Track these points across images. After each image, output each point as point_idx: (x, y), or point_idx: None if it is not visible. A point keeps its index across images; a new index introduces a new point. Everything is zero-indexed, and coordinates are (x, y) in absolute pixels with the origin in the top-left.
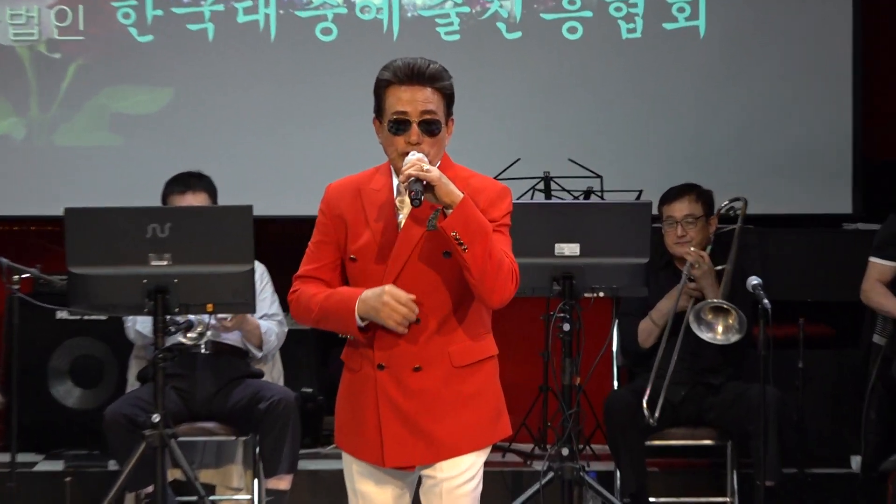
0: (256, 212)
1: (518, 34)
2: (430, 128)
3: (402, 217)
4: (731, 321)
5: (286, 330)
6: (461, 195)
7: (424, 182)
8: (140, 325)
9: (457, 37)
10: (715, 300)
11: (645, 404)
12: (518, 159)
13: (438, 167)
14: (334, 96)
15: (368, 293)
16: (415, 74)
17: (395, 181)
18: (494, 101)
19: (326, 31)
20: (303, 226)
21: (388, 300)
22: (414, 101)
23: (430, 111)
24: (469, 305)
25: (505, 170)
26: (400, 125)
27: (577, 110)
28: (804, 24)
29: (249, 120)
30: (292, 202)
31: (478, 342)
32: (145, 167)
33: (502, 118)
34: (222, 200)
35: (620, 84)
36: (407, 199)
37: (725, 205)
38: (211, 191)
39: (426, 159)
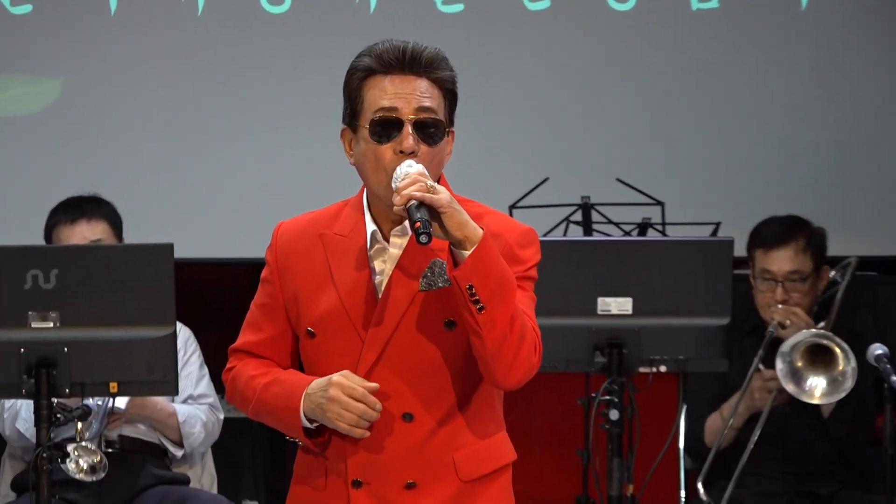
0: (178, 252)
1: (545, 3)
2: (430, 131)
3: (381, 273)
4: (837, 365)
5: (221, 417)
6: (480, 230)
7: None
8: (23, 418)
9: (459, 6)
10: (808, 333)
11: None
12: (546, 179)
13: None
14: (286, 91)
15: (314, 385)
16: (406, 60)
17: (370, 223)
18: (511, 97)
19: (275, 0)
20: (240, 271)
21: (335, 394)
22: (406, 93)
23: (428, 108)
24: (478, 393)
25: (527, 194)
26: (386, 127)
27: (626, 111)
28: None
29: (167, 123)
30: (226, 239)
31: (490, 445)
32: (23, 189)
33: (522, 122)
34: (130, 237)
35: (688, 74)
36: (386, 252)
37: (835, 271)
38: (113, 220)
39: (428, 174)
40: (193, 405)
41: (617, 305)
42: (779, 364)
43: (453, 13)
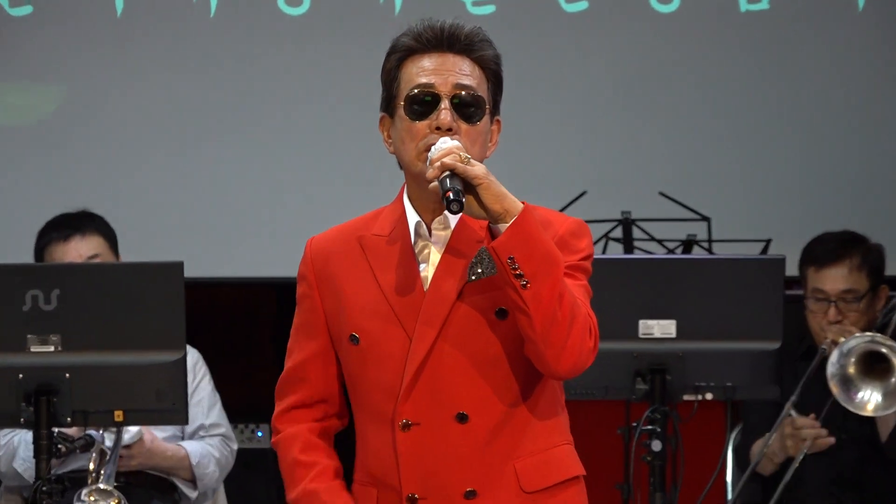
0: (188, 272)
1: (583, 4)
2: (469, 110)
3: (428, 268)
4: (893, 375)
5: (234, 448)
6: (520, 203)
7: (463, 178)
8: (21, 458)
9: (491, 7)
10: (866, 336)
11: None
12: (583, 193)
13: None
14: (306, 99)
15: None
16: (445, 37)
17: (413, 215)
18: (545, 104)
19: (293, 1)
20: (255, 292)
21: None
22: (444, 69)
23: (467, 85)
24: (538, 398)
25: (563, 209)
26: (422, 104)
27: (669, 119)
28: None
29: (176, 132)
30: (241, 257)
31: (555, 455)
32: (21, 203)
33: (558, 131)
34: (137, 254)
35: (736, 80)
36: (430, 246)
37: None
38: (107, 234)
39: (464, 149)
40: (205, 439)
41: (660, 328)
42: (830, 366)
43: (484, 15)
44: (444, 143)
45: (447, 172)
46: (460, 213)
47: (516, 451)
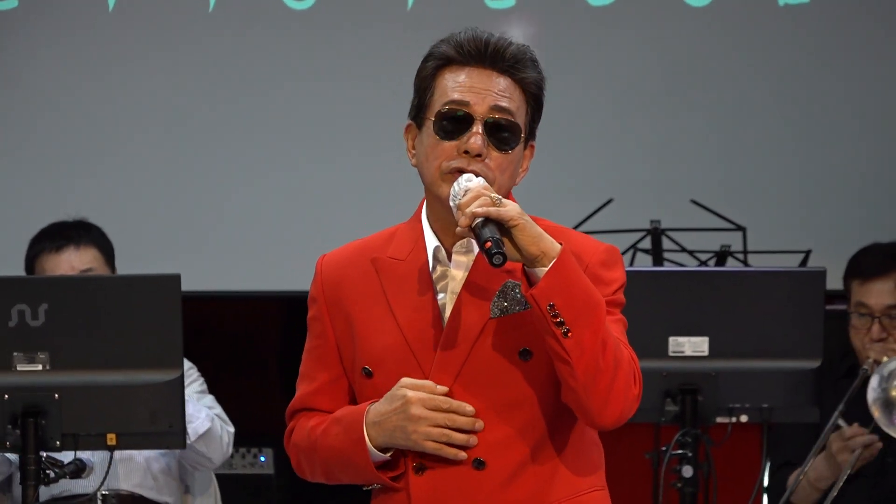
0: (185, 285)
1: None
2: (503, 135)
3: (447, 297)
4: None
5: (231, 431)
6: (557, 244)
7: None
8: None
9: (511, 2)
10: None
11: None
12: (610, 200)
13: None
14: (311, 100)
15: (380, 409)
16: (489, 53)
17: (432, 238)
18: (569, 105)
19: None
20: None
21: (418, 413)
22: (482, 88)
23: (504, 108)
24: (568, 437)
25: (588, 218)
26: (453, 122)
27: (702, 123)
28: None
29: (171, 137)
30: (241, 270)
31: (584, 502)
32: (4, 213)
33: (583, 135)
34: (130, 267)
35: (774, 80)
36: (449, 272)
37: None
38: (103, 246)
39: (490, 188)
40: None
41: (691, 346)
42: (871, 391)
43: (503, 9)
44: (470, 183)
45: (479, 220)
46: (503, 265)
47: (540, 498)
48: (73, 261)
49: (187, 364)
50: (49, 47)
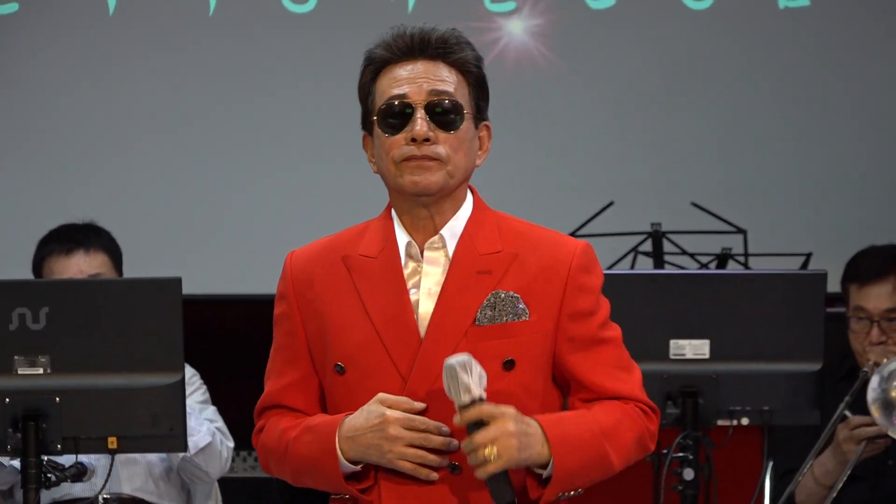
0: (186, 288)
1: (610, 1)
2: (447, 117)
3: (419, 293)
4: None
5: (231, 445)
6: (546, 452)
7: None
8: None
9: (511, 4)
10: None
11: None
12: (610, 203)
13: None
14: (311, 104)
15: (354, 424)
16: (416, 43)
17: (403, 235)
18: (569, 108)
19: None
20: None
21: (396, 433)
22: (417, 77)
23: (442, 91)
24: None
25: (588, 221)
26: (396, 116)
27: (702, 125)
28: None
29: (172, 140)
30: (242, 273)
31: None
32: (6, 216)
33: (583, 137)
34: (131, 271)
35: (774, 82)
36: (422, 268)
37: None
38: (113, 251)
39: (484, 376)
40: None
41: (692, 349)
42: (871, 391)
43: (504, 13)
44: (457, 359)
45: (490, 476)
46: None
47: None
48: (82, 265)
49: (190, 371)
50: (50, 49)
